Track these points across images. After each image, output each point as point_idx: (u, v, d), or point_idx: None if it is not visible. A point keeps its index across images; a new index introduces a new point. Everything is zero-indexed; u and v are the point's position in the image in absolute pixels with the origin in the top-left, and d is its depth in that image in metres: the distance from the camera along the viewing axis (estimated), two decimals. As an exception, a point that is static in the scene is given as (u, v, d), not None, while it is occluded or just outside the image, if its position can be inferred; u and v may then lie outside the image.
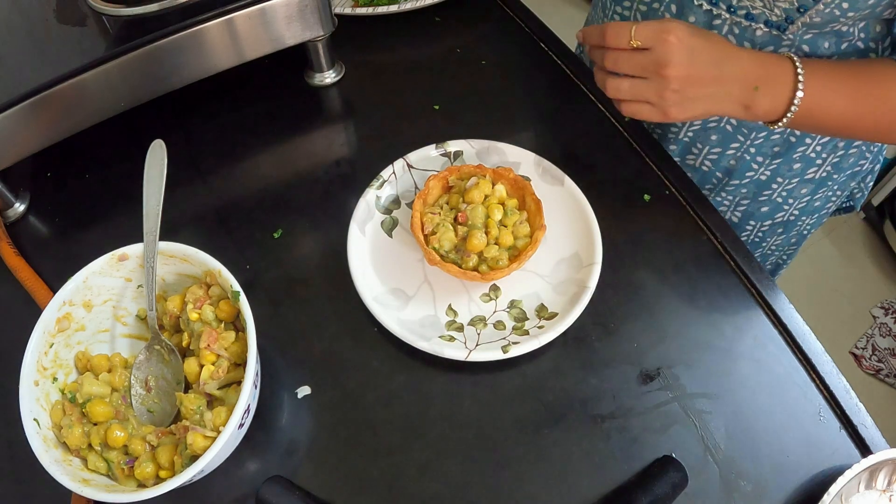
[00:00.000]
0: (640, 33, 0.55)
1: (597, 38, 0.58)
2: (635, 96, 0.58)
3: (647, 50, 0.55)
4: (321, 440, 0.54)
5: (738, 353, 0.58)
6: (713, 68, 0.55)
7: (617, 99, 0.59)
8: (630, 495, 0.50)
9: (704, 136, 0.76)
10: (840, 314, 1.74)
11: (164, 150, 0.58)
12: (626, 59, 0.56)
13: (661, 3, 0.70)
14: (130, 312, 0.57)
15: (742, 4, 0.63)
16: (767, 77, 0.57)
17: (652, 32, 0.54)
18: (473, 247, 0.57)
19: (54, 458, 0.47)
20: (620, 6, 0.76)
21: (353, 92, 0.78)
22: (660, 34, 0.54)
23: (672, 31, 0.54)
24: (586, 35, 0.61)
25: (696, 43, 0.55)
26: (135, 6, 0.64)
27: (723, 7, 0.65)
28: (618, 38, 0.56)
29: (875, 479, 0.51)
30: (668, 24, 0.54)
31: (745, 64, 0.57)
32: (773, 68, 0.57)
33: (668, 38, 0.54)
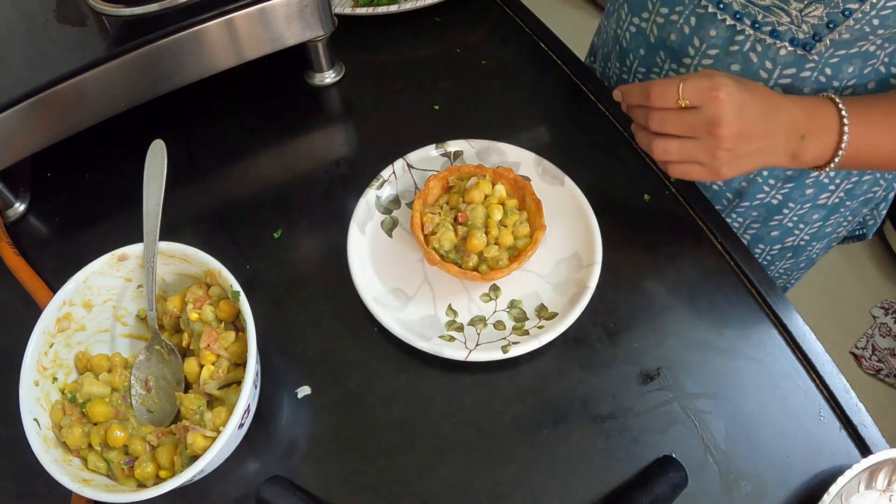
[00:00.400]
0: (689, 91, 0.52)
1: (639, 98, 0.56)
2: (685, 157, 0.55)
3: (695, 108, 0.52)
4: (321, 440, 0.54)
5: (738, 352, 0.58)
6: (763, 122, 0.53)
7: (664, 161, 0.57)
8: (630, 495, 0.50)
9: None
10: (840, 314, 1.74)
11: (164, 150, 0.58)
12: (675, 119, 0.53)
13: (680, 16, 0.68)
14: (130, 312, 0.57)
15: (768, 20, 0.61)
16: (814, 125, 0.55)
17: (701, 90, 0.52)
18: (473, 247, 0.57)
19: (54, 458, 0.47)
20: (638, 17, 0.75)
21: (353, 92, 0.78)
22: (709, 92, 0.51)
23: (721, 87, 0.51)
24: (626, 94, 0.58)
25: (745, 97, 0.52)
26: (135, 6, 0.64)
27: (747, 23, 0.62)
28: (664, 98, 0.53)
29: (875, 479, 0.51)
30: (716, 81, 0.52)
31: (791, 113, 0.55)
32: (818, 115, 0.55)
33: (719, 96, 0.51)
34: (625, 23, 0.78)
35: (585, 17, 2.38)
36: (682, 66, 0.71)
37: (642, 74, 0.78)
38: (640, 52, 0.76)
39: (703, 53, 0.68)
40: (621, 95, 0.59)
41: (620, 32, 0.79)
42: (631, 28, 0.77)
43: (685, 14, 0.68)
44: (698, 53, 0.68)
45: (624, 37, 0.78)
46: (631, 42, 0.77)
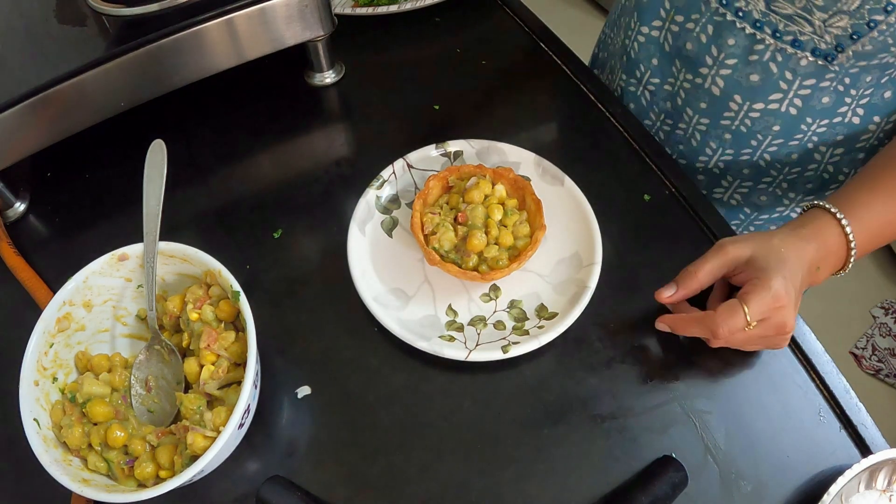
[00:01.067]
0: (757, 315, 0.51)
1: (701, 334, 0.54)
2: (748, 347, 0.56)
3: (762, 321, 0.51)
4: (321, 440, 0.54)
5: (738, 352, 0.58)
6: (802, 283, 0.53)
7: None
8: (630, 495, 0.50)
9: (736, 168, 0.74)
10: (840, 314, 1.74)
11: (164, 150, 0.58)
12: (742, 338, 0.53)
13: (697, 24, 0.67)
14: (130, 312, 0.57)
15: (789, 30, 0.60)
16: (825, 253, 0.55)
17: (767, 308, 0.51)
18: (473, 247, 0.57)
19: (54, 458, 0.47)
20: (648, 26, 0.73)
21: (353, 92, 0.78)
22: (773, 304, 0.51)
23: (781, 296, 0.51)
24: (679, 329, 0.56)
25: (793, 279, 0.52)
26: (135, 6, 0.64)
27: (767, 32, 0.62)
28: (733, 331, 0.51)
29: (875, 479, 0.51)
30: (777, 293, 0.51)
31: (808, 258, 0.54)
32: (826, 242, 0.55)
33: (782, 304, 0.51)
34: (633, 32, 0.76)
35: (585, 17, 2.38)
36: (699, 77, 0.70)
37: (655, 86, 0.76)
38: (653, 62, 0.75)
39: (721, 63, 0.67)
40: (672, 329, 0.56)
41: (628, 43, 0.78)
42: (639, 38, 0.75)
43: (702, 22, 0.67)
44: (716, 63, 0.67)
45: (632, 47, 0.77)
46: (640, 52, 0.76)
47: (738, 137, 0.71)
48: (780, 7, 0.60)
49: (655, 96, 0.77)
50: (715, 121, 0.72)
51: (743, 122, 0.69)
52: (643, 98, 0.78)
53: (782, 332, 0.52)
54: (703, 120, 0.73)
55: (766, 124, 0.68)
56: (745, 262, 0.53)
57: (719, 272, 0.55)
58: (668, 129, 0.78)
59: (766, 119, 0.68)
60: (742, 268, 0.54)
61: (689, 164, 0.78)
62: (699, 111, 0.72)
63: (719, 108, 0.70)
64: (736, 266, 0.54)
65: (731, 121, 0.70)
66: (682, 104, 0.74)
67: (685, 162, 0.78)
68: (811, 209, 0.58)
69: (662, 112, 0.77)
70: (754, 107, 0.67)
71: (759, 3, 0.61)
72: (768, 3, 0.61)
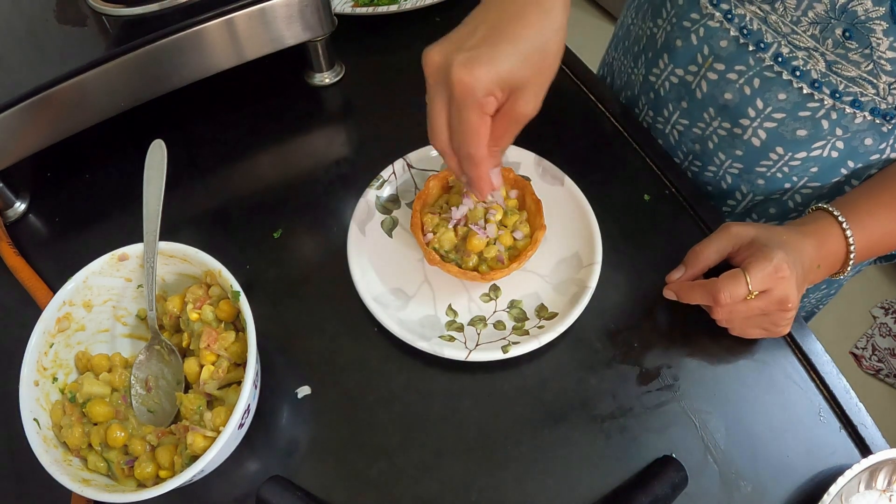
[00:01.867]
0: (758, 284, 0.52)
1: (702, 300, 0.55)
2: (750, 327, 0.56)
3: (764, 293, 0.52)
4: (321, 440, 0.54)
5: (738, 353, 0.58)
6: (804, 276, 0.54)
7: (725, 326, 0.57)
8: (630, 495, 0.50)
9: (762, 208, 0.72)
10: (840, 314, 1.74)
11: (164, 150, 0.58)
12: (743, 310, 0.53)
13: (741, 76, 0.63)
14: (130, 312, 0.57)
15: (850, 90, 0.58)
16: (825, 252, 0.56)
17: (768, 277, 0.52)
18: (473, 247, 0.57)
19: (54, 458, 0.47)
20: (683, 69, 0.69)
21: (353, 92, 0.78)
22: (775, 275, 0.51)
23: (783, 265, 0.51)
24: (684, 296, 0.57)
25: (794, 261, 0.53)
26: (135, 6, 0.64)
27: (826, 92, 0.59)
28: (734, 299, 0.52)
29: (875, 479, 0.51)
30: (778, 263, 0.51)
31: (810, 254, 0.55)
32: (827, 242, 0.56)
33: (784, 275, 0.51)
34: (662, 73, 0.72)
35: (585, 17, 2.38)
36: (738, 127, 0.66)
37: (683, 127, 0.73)
38: (683, 104, 0.71)
39: (767, 116, 0.63)
40: (675, 296, 0.57)
41: (655, 80, 0.74)
42: (672, 79, 0.71)
43: (747, 74, 0.63)
44: (760, 115, 0.64)
45: (662, 86, 0.73)
46: (670, 93, 0.72)
47: (771, 183, 0.69)
48: (842, 69, 0.57)
49: (684, 136, 0.73)
50: (750, 167, 0.69)
51: (780, 170, 0.67)
52: (671, 137, 0.75)
53: (784, 307, 0.53)
54: (736, 164, 0.70)
55: (805, 169, 0.66)
56: (749, 243, 0.55)
57: (724, 251, 0.56)
58: (697, 169, 0.75)
59: (805, 165, 0.65)
60: (745, 247, 0.55)
61: (716, 206, 0.75)
62: (733, 157, 0.69)
63: (757, 157, 0.67)
64: (740, 245, 0.55)
65: (768, 169, 0.67)
66: (713, 149, 0.71)
67: (713, 203, 0.75)
68: (815, 211, 0.58)
69: (691, 153, 0.74)
70: (796, 156, 0.65)
71: (819, 63, 0.58)
72: (830, 65, 0.57)
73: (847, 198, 0.58)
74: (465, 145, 0.48)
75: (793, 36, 0.58)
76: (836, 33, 0.56)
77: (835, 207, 0.56)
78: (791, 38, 0.59)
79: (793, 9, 0.57)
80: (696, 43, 0.66)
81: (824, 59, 0.57)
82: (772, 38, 0.60)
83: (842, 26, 0.55)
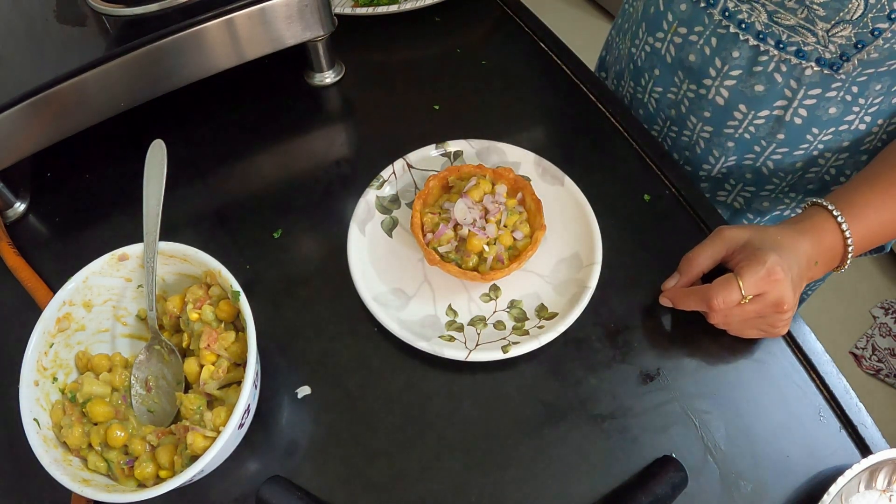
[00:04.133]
0: (751, 289, 0.52)
1: (696, 306, 0.55)
2: (746, 328, 0.56)
3: (758, 296, 0.52)
4: (321, 440, 0.54)
5: (738, 352, 0.58)
6: (799, 276, 0.54)
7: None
8: (630, 495, 0.50)
9: (738, 173, 0.75)
10: (840, 314, 1.74)
11: (164, 150, 0.58)
12: (739, 314, 0.54)
13: (700, 37, 0.67)
14: (130, 312, 0.57)
15: (793, 40, 0.60)
16: (822, 248, 0.56)
17: (761, 281, 0.52)
18: (473, 247, 0.57)
19: (54, 458, 0.47)
20: (653, 37, 0.73)
21: (353, 92, 0.78)
22: (768, 278, 0.51)
23: (776, 268, 0.51)
24: (679, 302, 0.57)
25: (789, 261, 0.53)
26: (135, 6, 0.64)
27: (771, 43, 0.62)
28: (727, 304, 0.52)
29: (875, 479, 0.51)
30: (771, 266, 0.51)
31: (806, 251, 0.55)
32: (823, 238, 0.56)
33: (777, 278, 0.51)
34: (640, 42, 0.76)
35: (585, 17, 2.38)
36: (703, 87, 0.70)
37: (658, 94, 0.76)
38: (655, 72, 0.75)
39: (726, 74, 0.67)
40: (673, 303, 0.58)
41: (635, 52, 0.78)
42: (646, 48, 0.75)
43: (705, 35, 0.66)
44: (720, 74, 0.67)
45: (639, 56, 0.77)
46: (646, 62, 0.76)
47: (741, 144, 0.71)
48: (782, 18, 0.60)
49: (660, 104, 0.77)
50: (718, 129, 0.71)
51: (747, 130, 0.69)
52: (650, 105, 0.79)
53: (780, 308, 0.53)
54: (706, 128, 0.72)
55: (770, 131, 0.68)
56: (742, 246, 0.55)
57: (718, 256, 0.56)
58: (674, 136, 0.78)
59: (769, 126, 0.68)
60: (739, 251, 0.55)
61: (693, 171, 0.78)
62: (703, 119, 0.72)
63: (723, 117, 0.70)
64: (734, 249, 0.55)
65: (735, 129, 0.70)
66: (685, 112, 0.74)
67: (690, 169, 0.78)
68: (810, 207, 0.58)
69: (668, 119, 0.77)
70: (759, 114, 0.67)
71: (761, 14, 0.61)
72: (770, 15, 0.60)
73: (841, 191, 0.58)
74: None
75: None
76: None
77: (829, 202, 0.56)
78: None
79: None
80: (662, 9, 0.71)
81: (765, 9, 0.60)
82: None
83: None
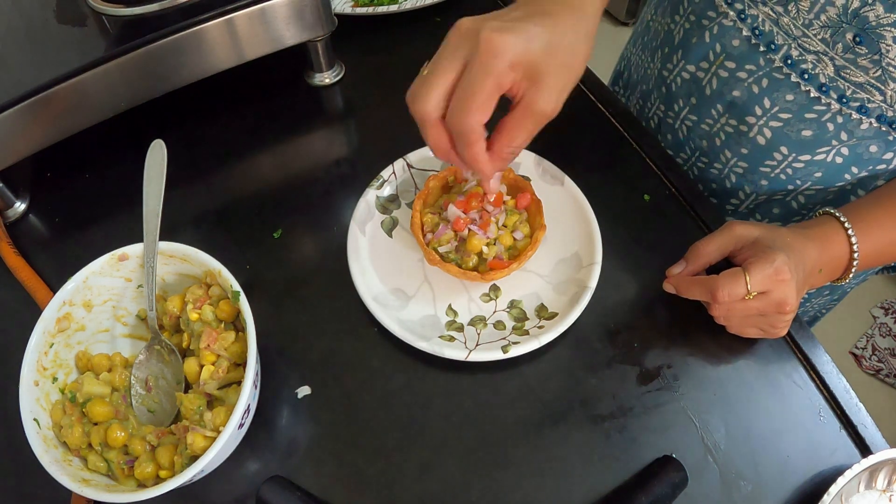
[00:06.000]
0: (758, 285, 0.51)
1: (700, 296, 0.55)
2: (747, 326, 0.56)
3: (762, 294, 0.52)
4: (321, 440, 0.54)
5: (738, 352, 0.58)
6: (805, 280, 0.54)
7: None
8: (630, 495, 0.50)
9: (766, 208, 0.73)
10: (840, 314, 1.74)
11: (164, 150, 0.58)
12: (741, 309, 0.53)
13: (750, 76, 0.64)
14: (130, 312, 0.57)
15: (857, 97, 0.58)
16: (828, 256, 0.56)
17: (767, 279, 0.51)
18: (473, 247, 0.57)
19: (54, 458, 0.47)
20: (694, 66, 0.70)
21: (353, 92, 0.78)
22: (775, 277, 0.51)
23: (784, 268, 0.51)
24: (683, 291, 0.57)
25: (796, 265, 0.52)
26: (135, 6, 0.64)
27: (833, 97, 0.59)
28: (732, 297, 0.52)
29: (875, 479, 0.51)
30: (779, 266, 0.51)
31: (812, 257, 0.54)
32: (831, 247, 0.55)
33: (784, 278, 0.51)
34: (675, 68, 0.73)
35: (585, 17, 2.37)
36: (744, 124, 0.67)
37: (692, 122, 0.74)
38: (692, 100, 0.72)
39: (773, 116, 0.64)
40: (677, 290, 0.57)
41: (668, 76, 0.75)
42: (683, 74, 0.72)
43: (757, 74, 0.64)
44: (766, 114, 0.65)
45: (673, 81, 0.74)
46: (681, 88, 0.73)
47: (775, 183, 0.69)
48: (850, 74, 0.57)
49: (692, 132, 0.74)
50: (754, 167, 0.69)
51: (784, 171, 0.67)
52: (680, 132, 0.76)
53: (782, 309, 0.52)
54: (741, 163, 0.70)
55: (809, 172, 0.66)
56: (752, 243, 0.54)
57: (726, 249, 0.56)
58: (703, 166, 0.75)
59: (810, 169, 0.66)
60: (748, 247, 0.55)
61: (720, 204, 0.76)
62: (738, 155, 0.70)
63: (762, 156, 0.68)
64: (742, 245, 0.55)
65: (772, 169, 0.68)
66: (720, 146, 0.72)
67: (716, 201, 0.76)
68: (821, 215, 0.58)
69: (698, 150, 0.75)
70: (800, 158, 0.65)
71: (827, 67, 0.58)
72: (838, 70, 0.58)
73: (854, 205, 0.58)
74: (466, 115, 0.44)
75: (804, 39, 0.58)
76: (846, 38, 0.56)
77: (841, 213, 0.56)
78: (802, 40, 0.59)
79: (805, 12, 0.57)
80: (709, 41, 0.67)
81: (833, 63, 0.58)
82: (783, 39, 0.60)
83: (853, 31, 0.55)
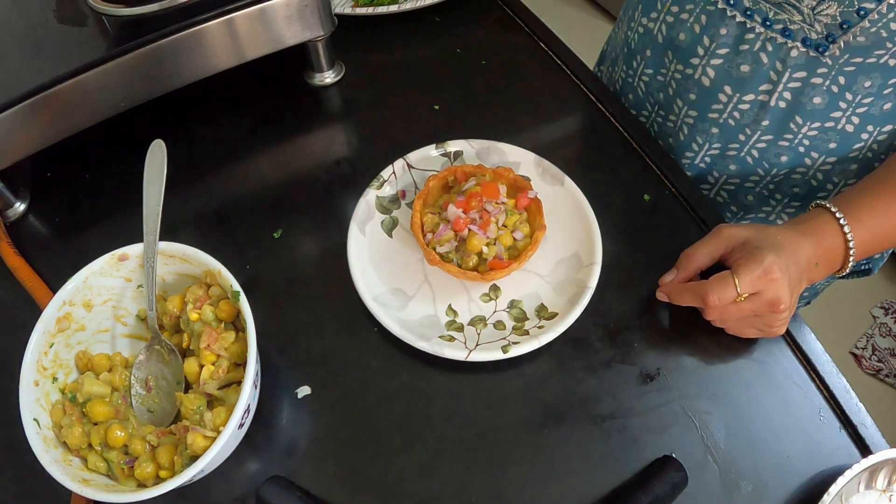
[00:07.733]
0: (747, 287, 0.52)
1: (691, 302, 0.56)
2: (743, 327, 0.56)
3: (754, 295, 0.52)
4: (321, 440, 0.54)
5: (738, 352, 0.58)
6: (798, 277, 0.54)
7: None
8: (630, 495, 0.50)
9: (722, 164, 0.74)
10: (840, 314, 1.74)
11: (164, 150, 0.58)
12: (734, 311, 0.54)
13: (691, 14, 0.68)
14: (130, 312, 0.57)
15: (779, 18, 0.61)
16: (823, 250, 0.56)
17: (757, 280, 0.52)
18: (473, 247, 0.57)
19: (54, 458, 0.47)
20: (647, 18, 0.74)
21: (353, 92, 0.78)
22: (765, 277, 0.51)
23: (773, 267, 0.51)
24: (675, 297, 0.57)
25: (787, 262, 0.53)
26: (135, 6, 0.64)
27: (757, 20, 0.62)
28: (723, 301, 0.53)
29: (875, 479, 0.51)
30: (769, 266, 0.51)
31: (807, 252, 0.54)
32: (825, 240, 0.56)
33: (774, 277, 0.51)
34: (635, 24, 0.77)
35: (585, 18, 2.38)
36: (689, 67, 0.70)
37: (648, 76, 0.77)
38: (647, 53, 0.76)
39: (713, 53, 0.67)
40: (669, 297, 0.58)
41: (631, 35, 0.79)
42: (640, 29, 0.76)
43: (695, 12, 0.67)
44: (707, 53, 0.67)
45: (633, 38, 0.78)
46: (638, 43, 0.77)
47: (725, 131, 0.71)
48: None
49: (650, 87, 0.77)
50: (703, 113, 0.71)
51: (731, 115, 0.69)
52: (639, 89, 0.79)
53: (776, 308, 0.53)
54: (691, 112, 0.73)
55: (755, 118, 0.68)
56: (742, 244, 0.55)
57: (716, 253, 0.57)
58: (661, 120, 0.78)
59: (754, 112, 0.67)
60: (738, 249, 0.55)
61: (676, 159, 0.77)
62: (688, 102, 0.72)
63: (708, 99, 0.70)
64: (733, 247, 0.56)
65: (720, 113, 0.70)
66: (672, 95, 0.74)
67: (673, 157, 0.77)
68: (813, 209, 0.58)
69: (657, 103, 0.77)
70: (744, 98, 0.67)
71: None
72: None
73: (845, 194, 0.59)
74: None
75: None
76: None
77: (832, 204, 0.57)
78: None
79: None
80: None
81: None
82: None
83: None
